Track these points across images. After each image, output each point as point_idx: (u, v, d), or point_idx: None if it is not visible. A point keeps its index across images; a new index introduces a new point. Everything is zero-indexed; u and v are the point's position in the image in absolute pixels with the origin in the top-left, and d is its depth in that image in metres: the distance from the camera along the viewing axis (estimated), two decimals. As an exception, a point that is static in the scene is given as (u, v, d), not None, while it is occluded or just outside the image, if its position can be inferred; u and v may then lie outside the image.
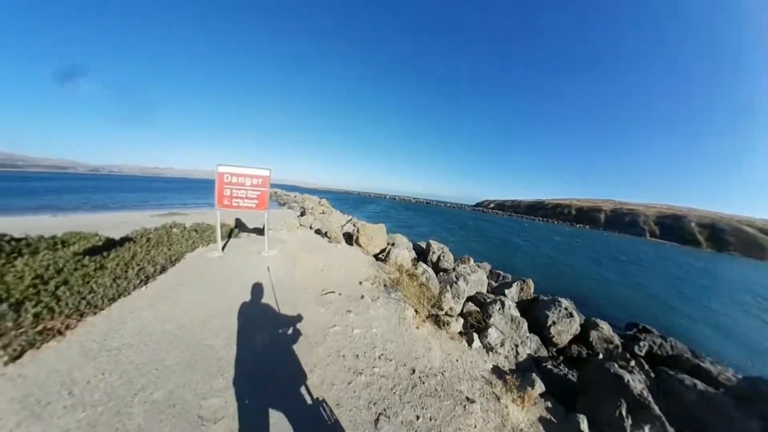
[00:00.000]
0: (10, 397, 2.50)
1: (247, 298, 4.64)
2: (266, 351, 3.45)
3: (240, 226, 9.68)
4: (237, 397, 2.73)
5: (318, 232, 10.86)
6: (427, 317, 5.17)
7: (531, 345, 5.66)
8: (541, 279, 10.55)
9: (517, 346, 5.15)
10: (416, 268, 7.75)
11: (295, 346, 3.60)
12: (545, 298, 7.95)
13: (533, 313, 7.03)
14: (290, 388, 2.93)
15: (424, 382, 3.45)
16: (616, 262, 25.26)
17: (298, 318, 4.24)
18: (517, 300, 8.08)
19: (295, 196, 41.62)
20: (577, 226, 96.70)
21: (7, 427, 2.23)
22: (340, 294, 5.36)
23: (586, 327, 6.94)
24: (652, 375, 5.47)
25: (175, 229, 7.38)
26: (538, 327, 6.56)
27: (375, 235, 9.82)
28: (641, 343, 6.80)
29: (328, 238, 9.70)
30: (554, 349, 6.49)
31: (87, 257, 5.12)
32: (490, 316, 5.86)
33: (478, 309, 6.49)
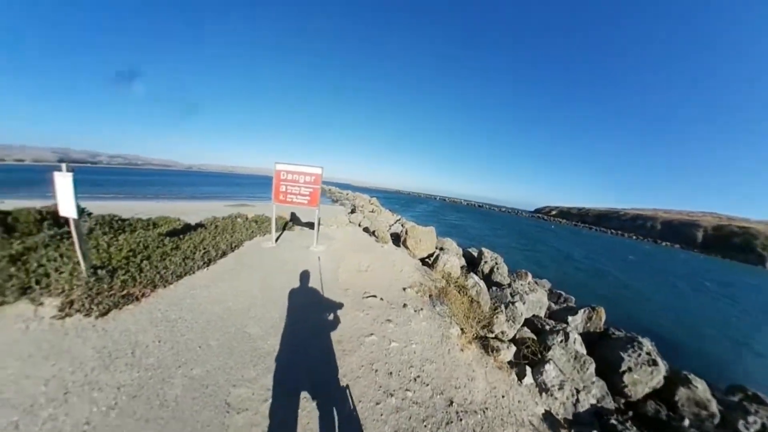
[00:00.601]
0: (93, 345, 2.97)
1: (290, 291, 4.78)
2: (299, 349, 3.46)
3: (294, 219, 10.34)
4: (264, 392, 2.76)
5: (366, 230, 10.99)
6: (473, 339, 4.71)
7: (595, 391, 4.71)
8: (611, 307, 8.73)
9: (578, 391, 4.34)
10: (466, 279, 7.22)
11: (327, 351, 3.53)
12: (619, 335, 6.65)
13: (602, 352, 5.92)
14: (316, 396, 2.83)
15: (461, 419, 3.07)
16: (719, 299, 20.26)
17: (336, 320, 4.17)
18: (582, 331, 6.92)
19: (347, 194, 43.42)
20: (663, 244, 76.73)
21: (85, 371, 2.65)
22: (381, 299, 5.18)
23: (673, 381, 5.51)
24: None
25: (239, 219, 8.22)
26: (607, 370, 5.46)
27: (423, 238, 9.51)
28: (750, 418, 5.04)
29: (376, 237, 9.71)
30: (623, 401, 5.32)
31: (168, 238, 5.97)
32: (549, 348, 5.09)
33: (534, 337, 5.73)
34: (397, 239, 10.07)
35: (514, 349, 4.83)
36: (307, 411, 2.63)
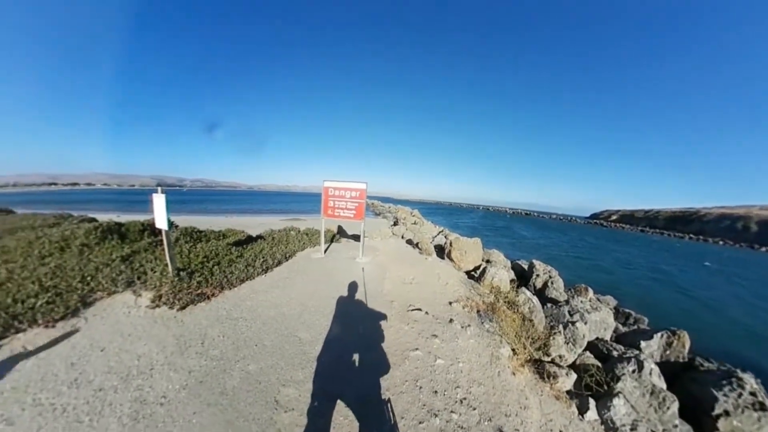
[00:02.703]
0: (174, 333, 3.52)
1: (338, 299, 5.00)
2: (345, 357, 3.57)
3: (341, 232, 10.86)
4: (310, 395, 2.89)
5: (409, 242, 10.98)
6: (526, 361, 4.37)
7: (680, 437, 3.88)
8: (696, 332, 6.99)
9: (656, 434, 3.64)
10: (517, 295, 6.71)
11: (371, 362, 3.57)
12: (710, 367, 5.50)
13: (686, 388, 4.95)
14: (359, 406, 2.85)
15: (511, 453, 2.85)
16: None
17: (380, 332, 4.22)
18: (659, 360, 5.81)
19: (389, 207, 44.07)
20: (763, 249, 58.83)
21: (166, 353, 3.15)
22: (426, 313, 5.09)
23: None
24: None
25: (292, 232, 8.96)
26: (695, 412, 4.53)
27: (469, 250, 9.17)
28: None
29: (419, 249, 9.65)
30: (719, 452, 4.23)
31: (234, 247, 6.78)
32: (618, 378, 4.43)
33: (599, 364, 5.08)
34: (440, 251, 9.87)
35: (574, 376, 4.34)
36: (349, 420, 2.67)
